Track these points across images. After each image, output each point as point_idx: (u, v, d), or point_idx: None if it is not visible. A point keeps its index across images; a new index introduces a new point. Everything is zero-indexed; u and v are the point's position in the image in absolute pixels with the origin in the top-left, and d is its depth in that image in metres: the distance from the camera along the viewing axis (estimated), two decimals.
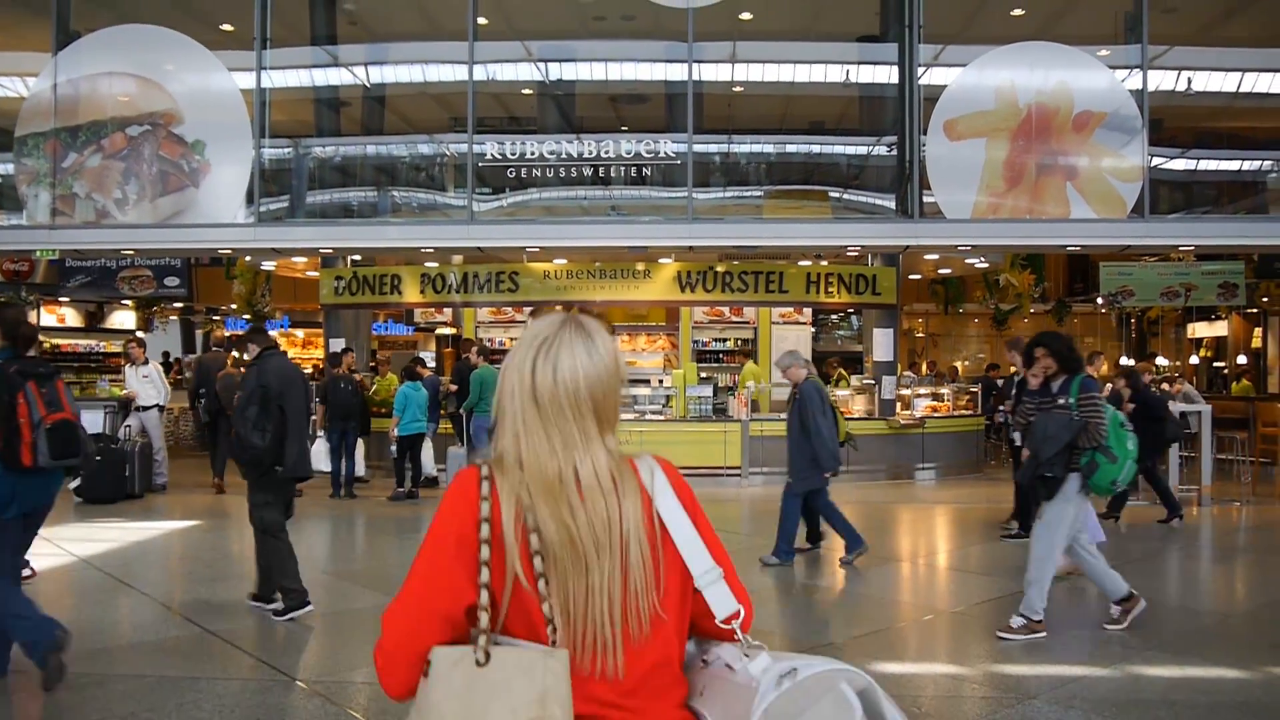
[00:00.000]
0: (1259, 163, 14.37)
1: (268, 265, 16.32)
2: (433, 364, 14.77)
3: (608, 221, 12.71)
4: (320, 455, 11.01)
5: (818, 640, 6.13)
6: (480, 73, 13.13)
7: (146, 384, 12.06)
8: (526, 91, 14.62)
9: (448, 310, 16.36)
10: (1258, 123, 15.08)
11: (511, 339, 15.91)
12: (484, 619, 1.55)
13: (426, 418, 11.71)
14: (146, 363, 12.32)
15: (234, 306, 18.13)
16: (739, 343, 15.59)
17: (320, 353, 16.72)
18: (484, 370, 11.91)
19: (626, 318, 15.60)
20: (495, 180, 12.83)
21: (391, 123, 15.07)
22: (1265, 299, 17.58)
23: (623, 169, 12.46)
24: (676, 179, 12.46)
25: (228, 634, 6.03)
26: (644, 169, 12.44)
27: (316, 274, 15.35)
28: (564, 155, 12.45)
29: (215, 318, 22.59)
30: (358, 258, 14.95)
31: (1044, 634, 6.04)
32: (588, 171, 12.47)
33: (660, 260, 14.02)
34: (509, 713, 1.49)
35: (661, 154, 12.36)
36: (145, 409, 11.96)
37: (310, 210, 13.33)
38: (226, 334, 21.66)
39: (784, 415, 13.87)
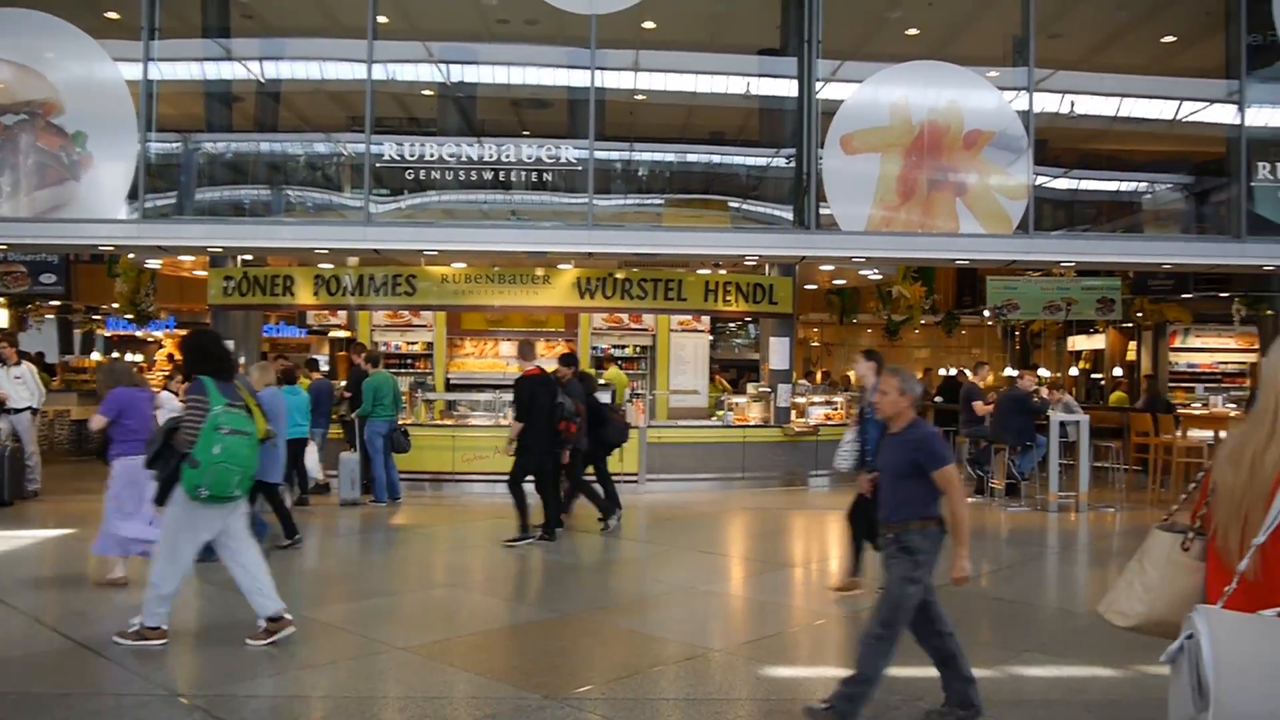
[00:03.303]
0: (1135, 184, 15.04)
1: (152, 263, 15.76)
2: (326, 367, 14.45)
3: (508, 226, 12.64)
4: None
5: (706, 645, 6.17)
6: (380, 72, 12.92)
7: (19, 385, 11.52)
8: (427, 93, 14.44)
9: (342, 313, 16.04)
10: (1135, 146, 15.79)
11: (408, 343, 15.68)
12: None
13: (309, 422, 11.41)
14: (19, 363, 11.77)
15: (115, 306, 17.44)
16: (638, 349, 15.63)
17: None
18: (377, 377, 11.69)
19: (525, 323, 15.50)
20: (393, 182, 12.63)
21: (286, 120, 14.71)
22: (1139, 314, 18.40)
23: (524, 174, 12.39)
24: (577, 185, 12.45)
25: (101, 647, 5.79)
26: (545, 174, 12.39)
27: (204, 273, 14.88)
28: (464, 158, 12.32)
29: (95, 317, 21.72)
30: (249, 257, 14.54)
31: (162, 642, 5.79)
32: (488, 175, 12.37)
33: (560, 266, 13.99)
34: None
35: (563, 160, 12.34)
36: (17, 412, 11.43)
37: (199, 208, 12.92)
38: (109, 334, 20.86)
39: (681, 422, 14.10)
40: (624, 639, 6.31)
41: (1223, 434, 12.21)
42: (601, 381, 14.14)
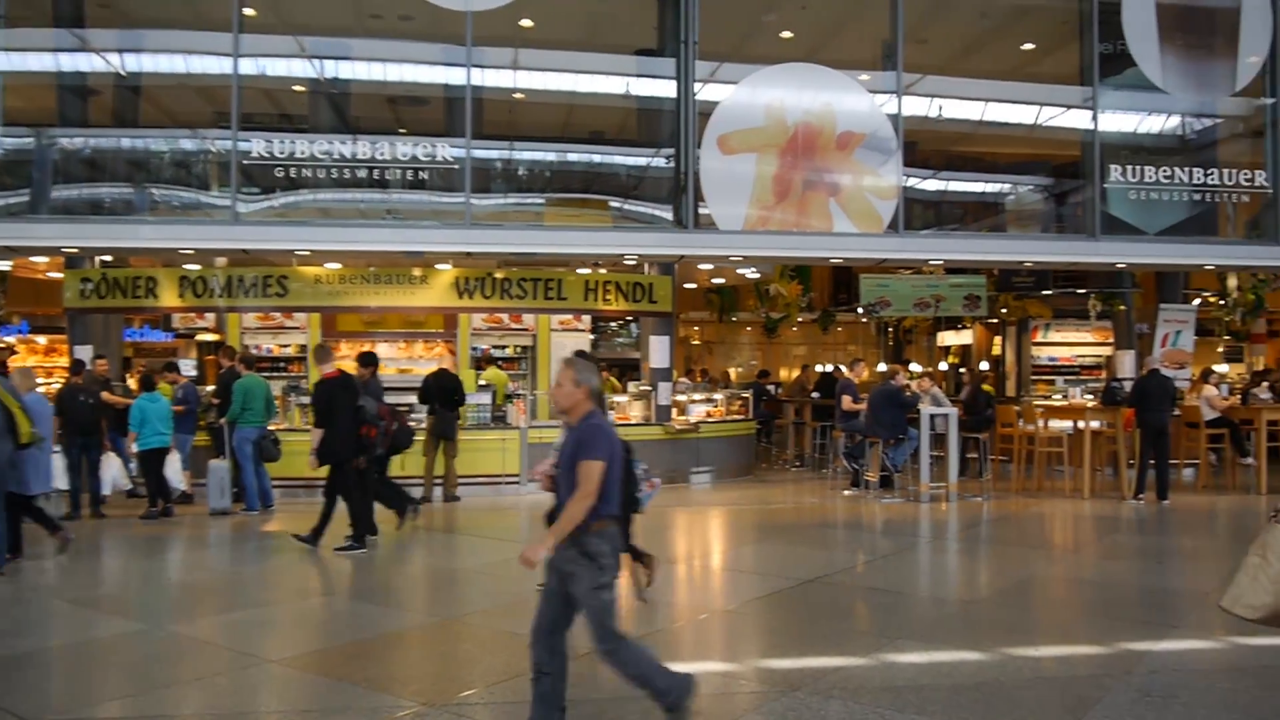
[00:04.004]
0: (999, 185, 15.64)
1: (3, 265, 14.94)
2: (193, 372, 13.90)
3: (384, 226, 12.40)
4: (58, 472, 10.18)
5: (587, 645, 6.14)
6: (248, 66, 12.52)
7: None
8: (298, 89, 14.05)
9: (210, 315, 15.47)
10: (998, 149, 16.43)
11: (281, 346, 15.23)
12: None
13: (171, 429, 10.98)
14: None
15: None
16: (518, 349, 15.52)
17: (66, 360, 15.44)
18: (247, 380, 11.32)
19: (403, 324, 15.21)
20: (264, 180, 12.25)
21: (149, 114, 14.12)
22: (1004, 310, 19.13)
23: (400, 172, 12.17)
24: (455, 184, 12.29)
25: None
26: (422, 173, 12.19)
27: (60, 275, 14.17)
28: (338, 156, 12.03)
29: None
30: (108, 258, 13.90)
31: None
32: (363, 174, 12.10)
33: (438, 266, 13.78)
34: None
35: (440, 158, 12.16)
36: None
37: (55, 206, 12.30)
38: None
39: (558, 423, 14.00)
40: (505, 642, 6.24)
41: (1081, 424, 12.81)
42: (482, 382, 14.02)
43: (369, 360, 10.22)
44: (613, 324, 17.67)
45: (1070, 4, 13.63)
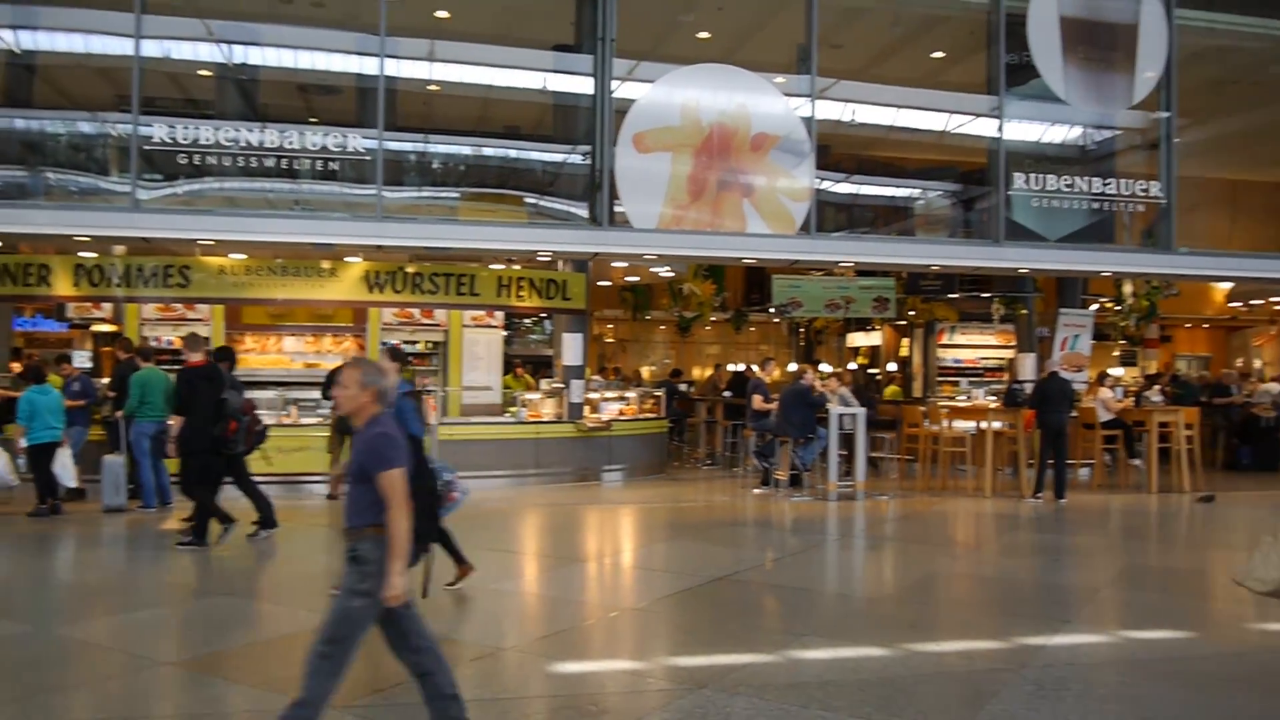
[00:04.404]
0: (909, 190, 15.97)
1: None
2: (89, 364, 13.41)
3: (292, 216, 12.09)
4: None
5: (497, 644, 6.11)
6: (152, 48, 12.11)
7: None
8: (204, 73, 13.65)
9: (108, 305, 14.92)
10: (909, 154, 16.78)
11: (181, 338, 14.73)
12: None
13: (63, 423, 10.56)
14: None
15: None
16: (430, 345, 15.30)
17: None
18: (147, 372, 10.94)
19: (310, 318, 14.86)
20: (166, 166, 11.86)
21: (45, 95, 13.58)
22: (912, 312, 19.52)
23: (310, 162, 11.91)
24: (367, 176, 12.07)
25: None
26: (332, 164, 11.95)
27: None
28: (245, 144, 11.71)
29: None
30: None
31: None
32: (271, 163, 11.80)
33: (348, 259, 13.53)
34: None
35: (351, 149, 11.92)
36: None
37: None
38: None
39: (474, 419, 13.91)
40: None
41: (984, 424, 13.14)
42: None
43: (224, 355, 9.97)
44: (526, 320, 17.57)
45: (978, 15, 13.97)
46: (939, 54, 15.62)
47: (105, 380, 12.08)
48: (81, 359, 13.07)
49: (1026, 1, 13.49)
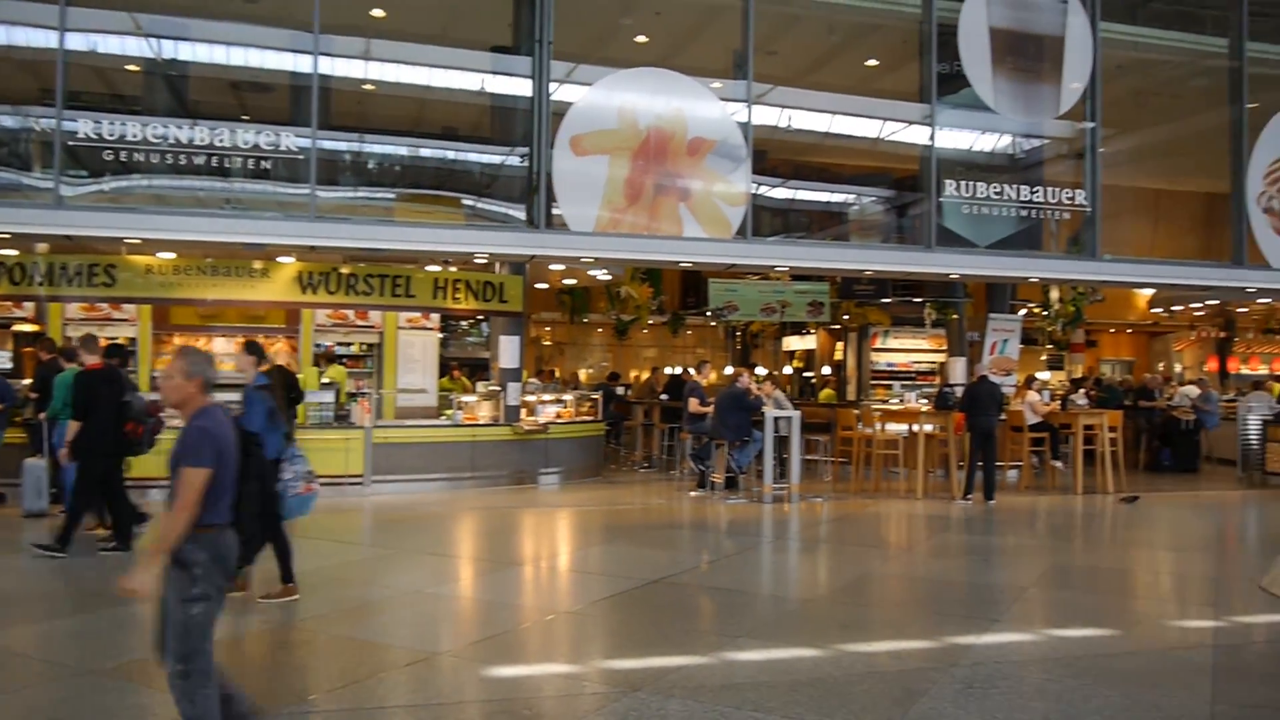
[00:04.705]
0: (844, 196, 16.17)
1: None
2: (8, 365, 13.01)
3: (223, 215, 11.86)
4: None
5: (432, 649, 6.06)
6: (77, 41, 11.80)
7: None
8: (132, 68, 13.33)
9: (29, 304, 14.49)
10: (844, 160, 16.99)
11: (108, 339, 14.36)
12: None
13: None
14: None
15: None
16: (364, 347, 15.12)
17: None
18: (70, 373, 10.63)
19: (241, 318, 14.56)
20: (92, 163, 11.55)
21: None
22: (846, 317, 19.76)
23: (242, 160, 11.69)
24: (300, 175, 11.90)
25: None
26: (264, 162, 11.75)
27: None
28: (174, 141, 11.45)
29: None
30: None
31: None
32: (201, 160, 11.56)
33: (280, 259, 13.31)
34: None
35: (283, 147, 11.74)
36: None
37: None
38: None
39: (409, 422, 13.79)
40: (345, 647, 6.08)
41: (916, 427, 13.35)
42: (325, 380, 13.62)
43: (114, 353, 9.75)
44: (463, 323, 17.45)
45: (911, 24, 14.19)
46: (873, 62, 15.85)
47: (26, 382, 11.73)
48: (0, 360, 12.68)
49: (957, 12, 13.74)
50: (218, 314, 14.39)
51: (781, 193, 15.30)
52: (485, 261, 14.13)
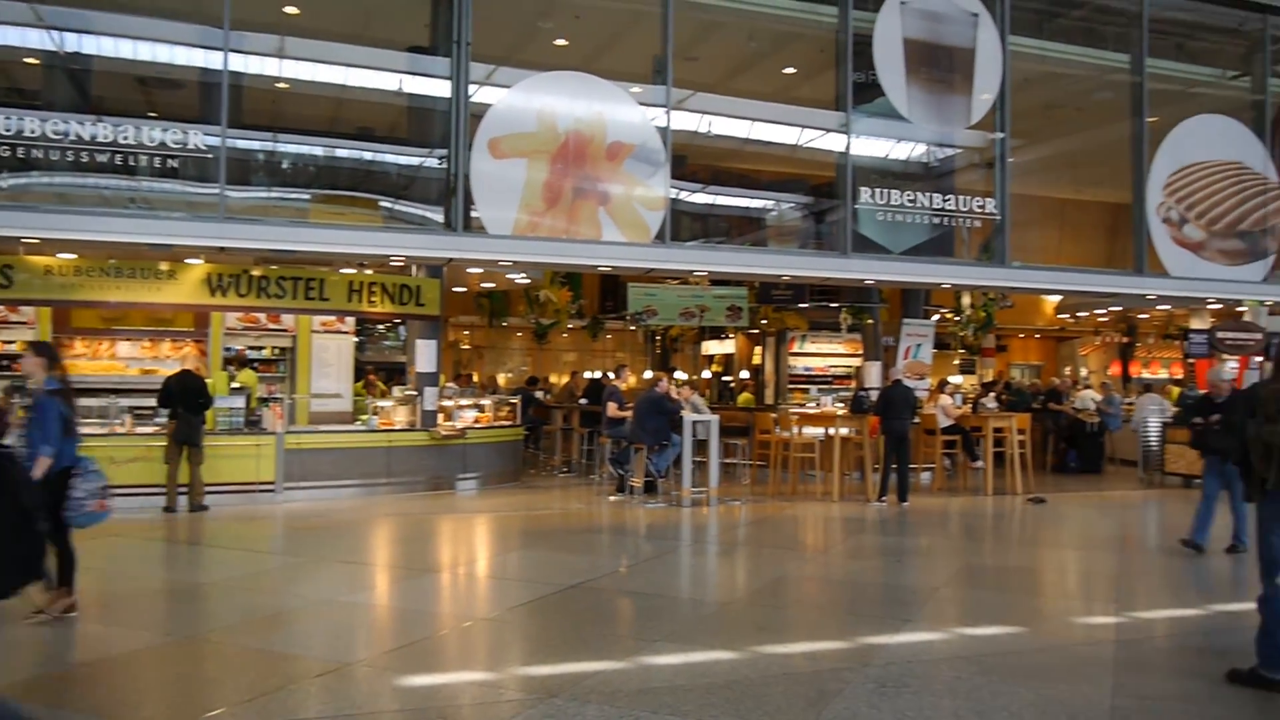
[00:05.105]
0: (762, 202, 16.33)
1: None
2: None
3: (128, 215, 11.48)
4: None
5: (345, 658, 5.93)
6: None
7: None
8: (31, 60, 12.85)
9: None
10: (763, 166, 17.15)
11: (5, 342, 13.86)
12: None
13: None
14: None
15: None
16: (276, 351, 14.80)
17: None
18: None
19: (147, 321, 14.17)
20: None
21: None
22: (764, 321, 19.98)
23: (148, 158, 11.34)
24: (210, 174, 11.59)
25: None
26: (172, 160, 11.42)
27: None
28: (75, 137, 11.07)
29: None
30: None
31: None
32: (105, 158, 11.19)
33: (188, 260, 12.94)
34: None
35: (192, 145, 11.42)
36: None
37: None
38: None
39: (323, 427, 13.52)
40: (253, 659, 5.92)
41: (832, 430, 13.53)
42: (235, 385, 13.30)
43: None
44: (379, 326, 17.20)
45: (828, 34, 14.39)
46: (791, 70, 16.04)
47: None
48: None
49: (873, 23, 13.98)
50: (122, 317, 13.99)
51: (701, 198, 15.39)
52: (402, 264, 13.94)
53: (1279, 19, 16.41)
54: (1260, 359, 16.15)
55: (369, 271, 14.10)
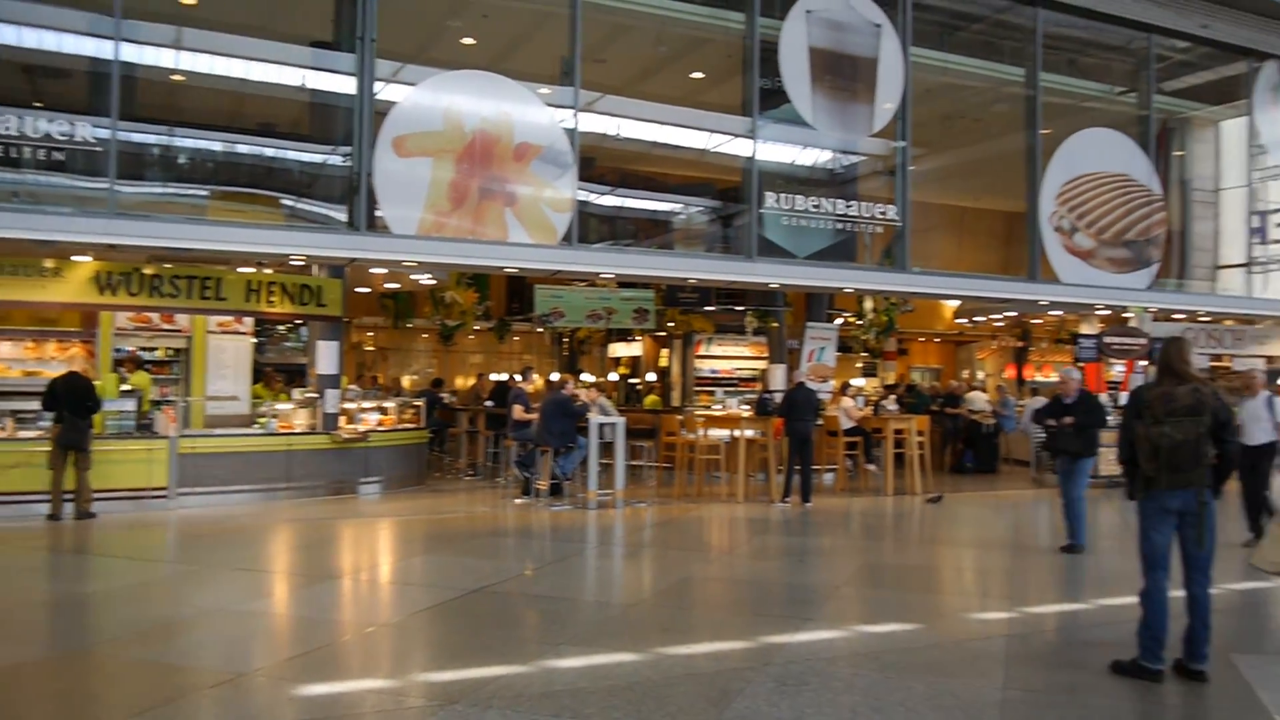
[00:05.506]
0: (670, 205, 16.41)
1: None
2: None
3: (10, 209, 10.99)
4: None
5: (241, 668, 5.77)
6: None
7: None
8: None
9: None
10: (671, 170, 17.26)
11: None
12: None
13: None
14: None
15: None
16: (170, 352, 14.33)
17: None
18: None
19: (31, 321, 13.57)
20: None
21: None
22: (671, 324, 20.08)
23: (32, 151, 10.88)
24: (100, 168, 11.16)
25: None
26: (57, 153, 10.96)
27: None
28: None
29: None
30: None
31: None
32: None
33: (75, 258, 12.44)
34: None
35: (79, 138, 11.00)
36: None
37: None
38: None
39: (219, 431, 13.15)
40: (142, 672, 5.72)
41: (737, 433, 13.66)
42: (126, 387, 12.85)
43: None
44: (279, 327, 16.79)
45: (736, 40, 14.54)
46: (699, 74, 16.17)
47: None
48: None
49: (779, 30, 14.16)
50: (4, 317, 13.40)
51: (609, 200, 15.40)
52: (303, 264, 13.62)
53: (1163, 38, 17.13)
54: (1145, 363, 16.83)
55: (268, 271, 13.75)
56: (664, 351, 21.56)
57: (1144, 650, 5.66)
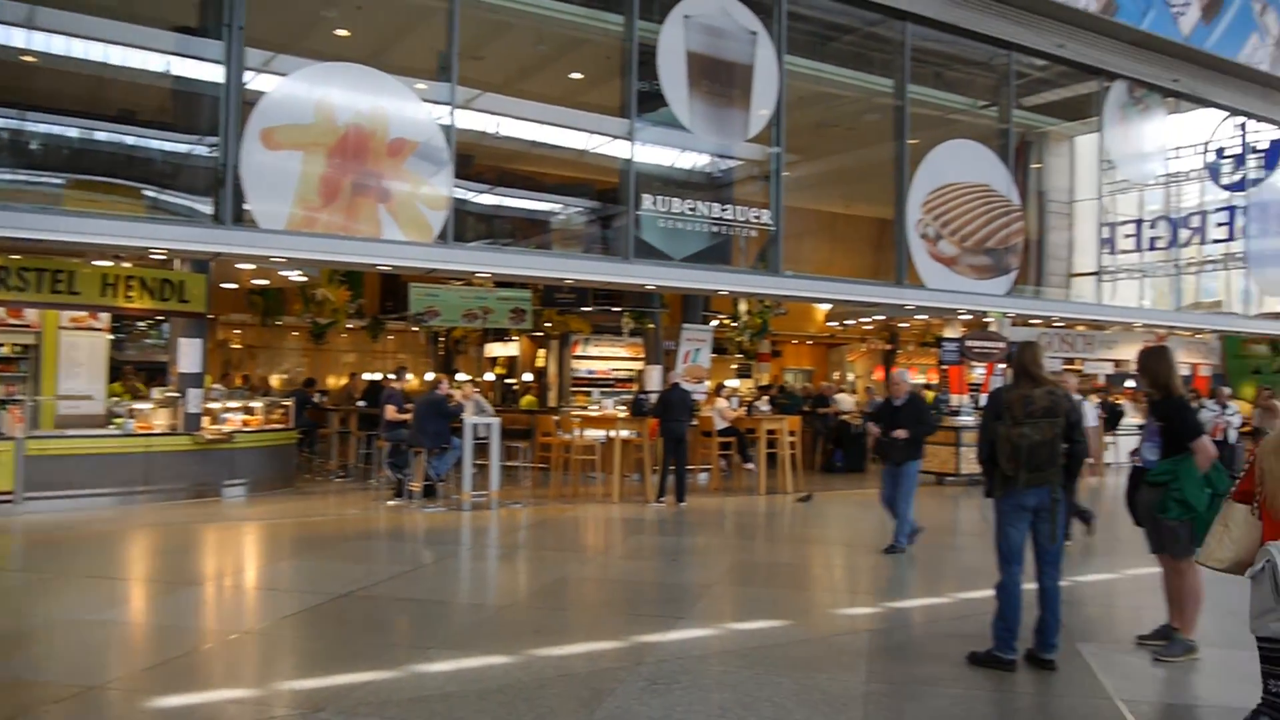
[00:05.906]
0: (548, 205, 16.38)
1: None
2: None
3: None
4: None
5: (93, 680, 5.52)
6: None
7: None
8: None
9: None
10: (550, 170, 17.22)
11: None
12: None
13: None
14: None
15: None
16: (17, 349, 13.56)
17: None
18: None
19: None
20: None
21: None
22: (548, 324, 20.04)
23: None
24: None
25: None
26: None
27: None
28: None
29: None
30: None
31: None
32: None
33: None
34: None
35: None
36: None
37: None
38: None
39: (72, 431, 12.54)
40: None
41: (613, 433, 13.73)
42: None
43: None
44: (139, 324, 16.11)
45: (614, 42, 14.59)
46: (578, 75, 16.18)
47: None
48: None
49: (658, 34, 14.27)
50: None
51: (486, 199, 15.28)
52: (164, 257, 13.08)
53: (1023, 56, 17.91)
54: (1004, 366, 17.57)
55: (126, 264, 13.16)
56: (541, 352, 21.50)
57: (998, 641, 5.92)
